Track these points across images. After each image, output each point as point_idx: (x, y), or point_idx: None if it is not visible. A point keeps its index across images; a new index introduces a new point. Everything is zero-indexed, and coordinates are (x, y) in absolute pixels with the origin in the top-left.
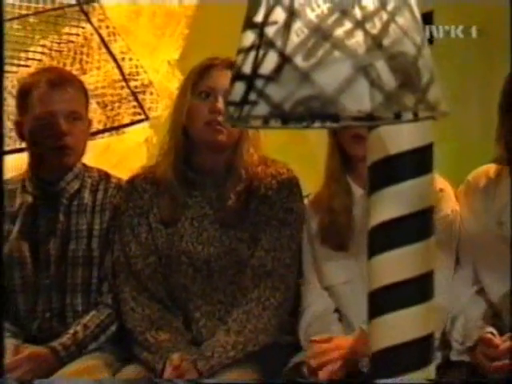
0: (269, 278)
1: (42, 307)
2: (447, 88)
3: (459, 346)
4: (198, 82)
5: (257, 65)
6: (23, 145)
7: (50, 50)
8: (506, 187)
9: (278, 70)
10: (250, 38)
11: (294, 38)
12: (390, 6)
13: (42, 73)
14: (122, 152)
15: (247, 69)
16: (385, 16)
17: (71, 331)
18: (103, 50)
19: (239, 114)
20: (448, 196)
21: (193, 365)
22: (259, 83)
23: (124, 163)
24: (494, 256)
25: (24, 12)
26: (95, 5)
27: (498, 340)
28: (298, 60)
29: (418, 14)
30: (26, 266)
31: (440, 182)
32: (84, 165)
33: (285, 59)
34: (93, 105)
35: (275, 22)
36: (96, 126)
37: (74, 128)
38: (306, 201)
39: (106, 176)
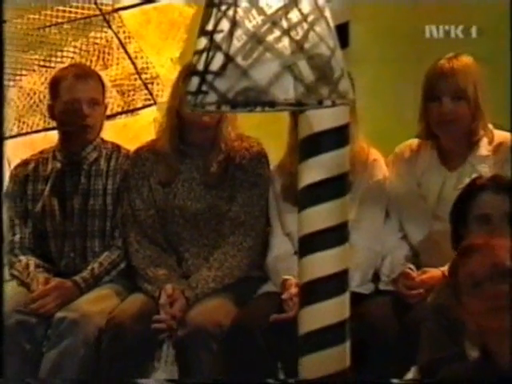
0: (242, 227)
1: (68, 249)
2: None
3: (386, 279)
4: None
5: (208, 63)
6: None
7: (80, 50)
8: (425, 156)
9: (224, 67)
10: (202, 42)
11: (236, 43)
12: (309, 18)
13: (69, 68)
14: (136, 129)
15: (200, 66)
16: (306, 26)
17: (89, 267)
18: (121, 50)
19: (195, 102)
20: (380, 164)
21: (182, 293)
22: (209, 77)
23: (138, 138)
24: (414, 210)
25: (60, 20)
26: (115, 15)
27: (415, 274)
28: (239, 60)
29: (332, 25)
30: (55, 217)
31: (374, 153)
32: (101, 139)
33: (229, 59)
34: (113, 93)
35: (222, 31)
36: (116, 109)
37: (93, 111)
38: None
39: (117, 148)
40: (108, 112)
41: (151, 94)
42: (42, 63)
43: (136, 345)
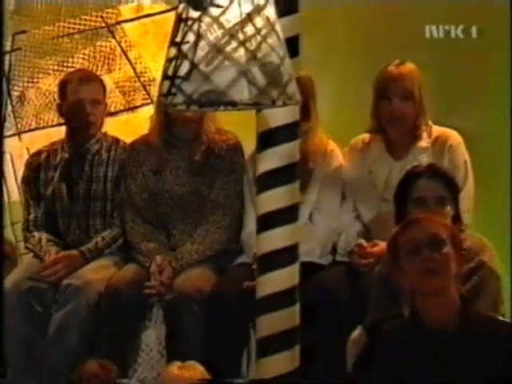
0: (221, 207)
1: (74, 226)
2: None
3: (342, 251)
4: None
5: (176, 69)
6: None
7: (88, 56)
8: (375, 148)
9: (189, 73)
10: (172, 51)
11: (200, 52)
12: (262, 32)
13: (74, 72)
14: (136, 124)
15: (170, 72)
16: (259, 38)
17: (94, 241)
18: (123, 56)
19: (165, 102)
20: (337, 154)
21: (169, 263)
22: (178, 81)
23: (137, 132)
24: (366, 193)
25: (71, 31)
26: (118, 26)
27: (365, 246)
28: (202, 66)
29: (282, 37)
30: (63, 199)
31: (331, 144)
32: (102, 133)
33: (194, 66)
34: (116, 93)
35: (188, 42)
36: (118, 107)
37: (95, 110)
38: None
39: (116, 141)
40: (112, 109)
41: (149, 94)
42: (56, 68)
43: (130, 307)
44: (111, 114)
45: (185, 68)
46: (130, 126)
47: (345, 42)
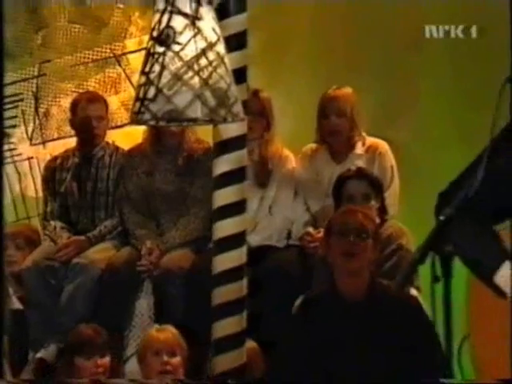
0: (199, 202)
1: (82, 217)
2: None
3: (294, 237)
4: None
5: (145, 93)
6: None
7: (99, 81)
8: (321, 155)
9: (155, 96)
10: (142, 79)
11: (163, 80)
12: (213, 63)
13: (83, 94)
14: (137, 135)
15: (141, 95)
16: (210, 68)
17: (98, 228)
18: (127, 81)
19: (136, 118)
20: (290, 159)
21: (157, 246)
22: (146, 103)
23: (138, 141)
24: (314, 190)
25: (86, 60)
26: (123, 57)
27: (313, 232)
28: (165, 91)
29: (229, 68)
30: (74, 195)
31: (286, 151)
32: (106, 142)
33: (158, 90)
34: (121, 110)
35: (154, 71)
36: (123, 121)
37: (100, 124)
38: None
39: (117, 148)
40: (118, 123)
41: None
42: (73, 89)
43: (126, 281)
44: (118, 127)
45: (152, 92)
46: (132, 136)
47: (305, 68)
